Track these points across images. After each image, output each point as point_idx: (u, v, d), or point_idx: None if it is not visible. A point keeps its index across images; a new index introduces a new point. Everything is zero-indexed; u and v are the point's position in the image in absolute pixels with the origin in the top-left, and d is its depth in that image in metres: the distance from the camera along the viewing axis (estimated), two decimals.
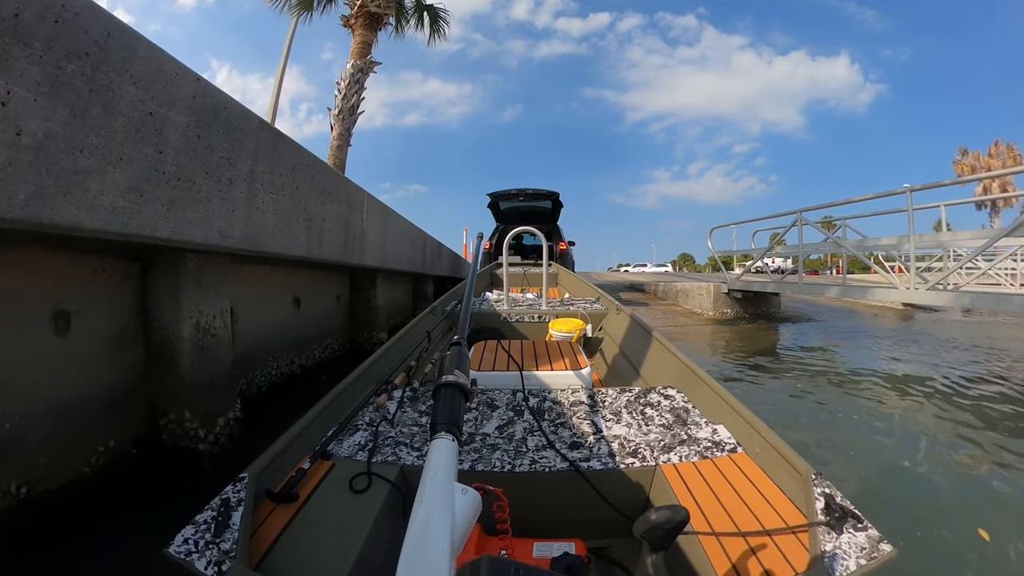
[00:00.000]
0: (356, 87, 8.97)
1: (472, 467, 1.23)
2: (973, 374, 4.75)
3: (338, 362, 4.46)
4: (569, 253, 8.34)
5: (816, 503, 0.94)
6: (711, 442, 1.34)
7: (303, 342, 3.92)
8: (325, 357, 4.34)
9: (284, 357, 3.60)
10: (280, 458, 1.13)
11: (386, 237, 5.06)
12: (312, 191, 3.23)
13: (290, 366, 3.69)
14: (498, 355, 2.04)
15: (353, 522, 1.00)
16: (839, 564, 0.81)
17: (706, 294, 8.20)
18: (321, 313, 4.34)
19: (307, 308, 3.99)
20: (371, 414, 1.49)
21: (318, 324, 4.25)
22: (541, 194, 8.04)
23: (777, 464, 1.15)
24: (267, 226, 2.63)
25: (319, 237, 3.36)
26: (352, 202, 4.07)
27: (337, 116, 8.94)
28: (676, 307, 8.94)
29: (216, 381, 2.35)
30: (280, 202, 2.76)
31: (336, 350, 4.61)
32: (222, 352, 2.41)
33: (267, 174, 2.61)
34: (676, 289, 9.47)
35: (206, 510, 0.91)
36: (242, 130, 2.36)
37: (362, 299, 5.04)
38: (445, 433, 0.64)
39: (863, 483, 2.39)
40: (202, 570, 0.79)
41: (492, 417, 1.50)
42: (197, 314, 2.27)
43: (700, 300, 8.39)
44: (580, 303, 3.59)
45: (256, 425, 2.55)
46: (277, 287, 3.59)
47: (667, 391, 1.68)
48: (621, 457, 1.28)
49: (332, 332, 4.55)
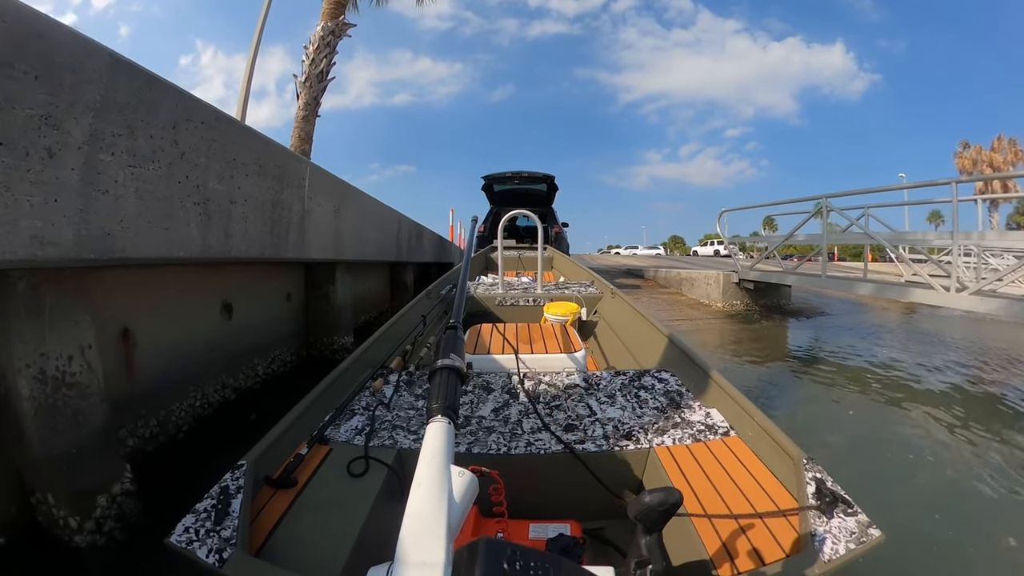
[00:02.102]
0: (326, 51, 8.23)
1: (468, 450, 1.24)
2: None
3: (291, 376, 3.55)
4: (564, 236, 8.31)
5: (807, 487, 0.95)
6: (704, 425, 1.35)
7: (239, 358, 3.03)
8: (273, 373, 3.41)
9: (213, 381, 2.74)
10: (278, 444, 1.13)
11: (342, 221, 4.00)
12: (212, 161, 2.26)
13: (222, 391, 2.81)
14: (493, 338, 2.05)
15: (351, 506, 1.01)
16: (829, 547, 0.82)
17: (714, 283, 7.38)
18: (265, 319, 3.38)
19: (243, 314, 3.04)
20: (368, 398, 1.49)
21: (260, 332, 3.29)
22: (536, 177, 7.97)
23: (769, 448, 1.16)
24: (126, 218, 1.75)
25: (224, 226, 2.38)
26: (285, 176, 2.97)
27: (304, 83, 8.20)
28: (680, 296, 8.04)
29: (84, 448, 1.65)
30: (150, 180, 1.87)
31: (288, 361, 3.66)
32: (89, 405, 1.70)
33: (124, 138, 1.73)
34: (680, 277, 8.59)
35: (205, 498, 0.91)
36: (76, 71, 1.53)
37: (319, 296, 4.07)
38: (441, 416, 0.63)
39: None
40: (203, 558, 0.79)
41: (488, 400, 1.51)
42: (40, 359, 1.56)
43: (707, 290, 7.56)
44: (575, 287, 3.60)
45: (168, 493, 1.81)
46: (197, 292, 2.67)
47: (661, 374, 1.69)
48: (615, 440, 1.29)
49: (281, 340, 3.60)
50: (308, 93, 8.27)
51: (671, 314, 6.56)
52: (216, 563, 0.78)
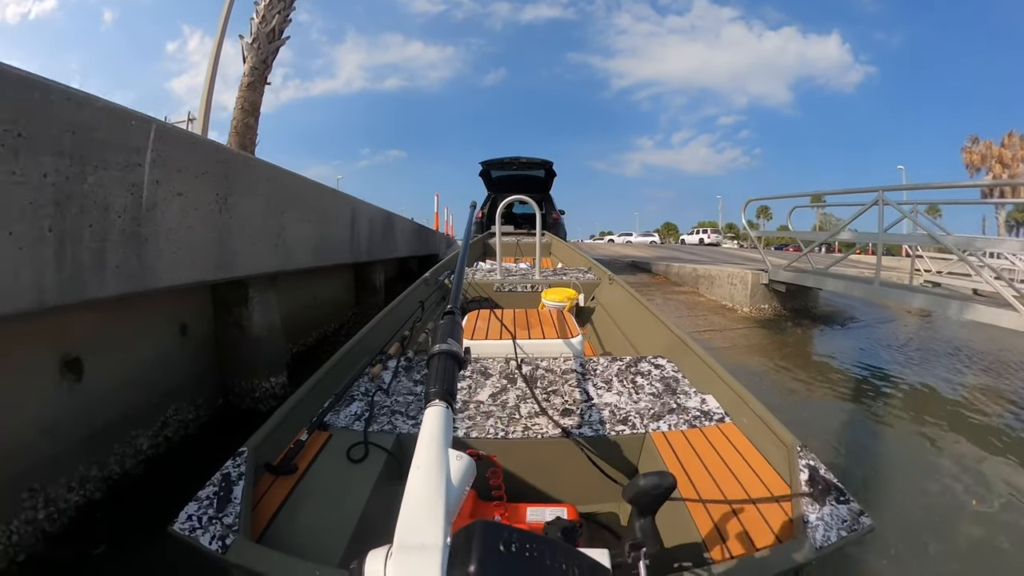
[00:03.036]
0: (279, 6, 6.96)
1: (467, 434, 1.25)
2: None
3: (201, 441, 2.39)
4: (561, 222, 8.29)
5: (800, 474, 0.96)
6: (700, 411, 1.36)
7: (105, 434, 1.97)
8: (169, 442, 2.27)
9: (60, 479, 1.76)
10: (278, 431, 1.14)
11: (238, 217, 2.48)
12: None
13: (81, 489, 1.82)
14: (491, 324, 2.05)
15: (351, 491, 1.02)
16: (820, 534, 0.83)
17: (740, 284, 6.20)
18: (142, 369, 2.22)
19: (103, 369, 1.98)
20: (366, 384, 1.50)
21: (137, 389, 2.16)
22: (534, 163, 7.91)
23: (763, 435, 1.17)
24: None
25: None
26: (88, 149, 1.59)
27: (251, 45, 6.90)
28: (698, 297, 6.80)
29: None
30: None
31: (193, 419, 2.47)
32: None
33: None
34: (696, 274, 7.31)
35: (207, 486, 0.92)
36: None
37: (231, 324, 2.77)
38: (439, 401, 0.64)
39: None
40: (207, 545, 0.80)
41: (486, 385, 1.52)
42: None
43: (732, 291, 6.35)
44: (573, 273, 3.61)
45: None
46: (16, 350, 1.64)
47: (657, 360, 1.70)
48: (612, 424, 1.30)
49: (178, 392, 2.41)
50: (256, 56, 6.92)
51: (695, 322, 5.43)
52: (219, 549, 0.79)
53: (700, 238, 38.65)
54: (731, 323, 5.55)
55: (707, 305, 6.34)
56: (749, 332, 5.24)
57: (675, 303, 6.33)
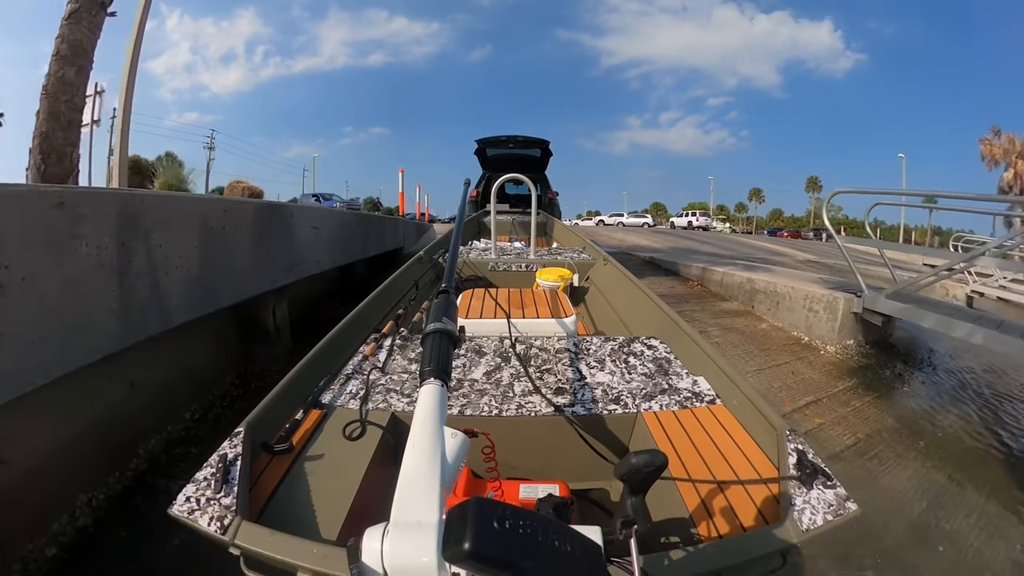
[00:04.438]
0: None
1: (461, 412, 1.26)
2: None
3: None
4: (556, 202, 8.25)
5: (789, 458, 0.98)
6: (691, 392, 1.38)
7: None
8: None
9: None
10: (274, 410, 1.14)
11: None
12: None
13: None
14: (485, 303, 2.05)
15: (348, 468, 1.03)
16: (807, 517, 0.85)
17: (824, 312, 4.30)
18: None
19: None
20: (361, 362, 1.50)
21: None
22: (531, 141, 7.83)
23: (753, 417, 1.19)
24: None
25: None
26: None
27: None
28: (760, 322, 4.77)
29: None
30: None
31: None
32: None
33: None
34: (753, 287, 5.13)
35: (205, 467, 0.92)
36: None
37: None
38: (434, 379, 0.64)
39: None
40: (205, 527, 0.81)
41: (480, 363, 1.52)
42: None
43: (809, 319, 4.42)
44: (567, 253, 3.60)
45: None
46: None
47: (650, 341, 1.71)
48: (604, 403, 1.31)
49: None
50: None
51: (776, 375, 3.60)
52: (218, 530, 0.80)
53: (688, 221, 36.64)
54: (823, 376, 3.71)
55: (778, 340, 4.34)
56: (853, 397, 3.42)
57: (737, 335, 4.35)
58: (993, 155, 29.14)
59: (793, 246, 15.43)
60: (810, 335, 4.43)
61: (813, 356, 4.11)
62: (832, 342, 4.25)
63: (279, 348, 3.49)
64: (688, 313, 4.78)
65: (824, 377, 3.70)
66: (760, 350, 4.07)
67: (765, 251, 11.80)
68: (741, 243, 14.29)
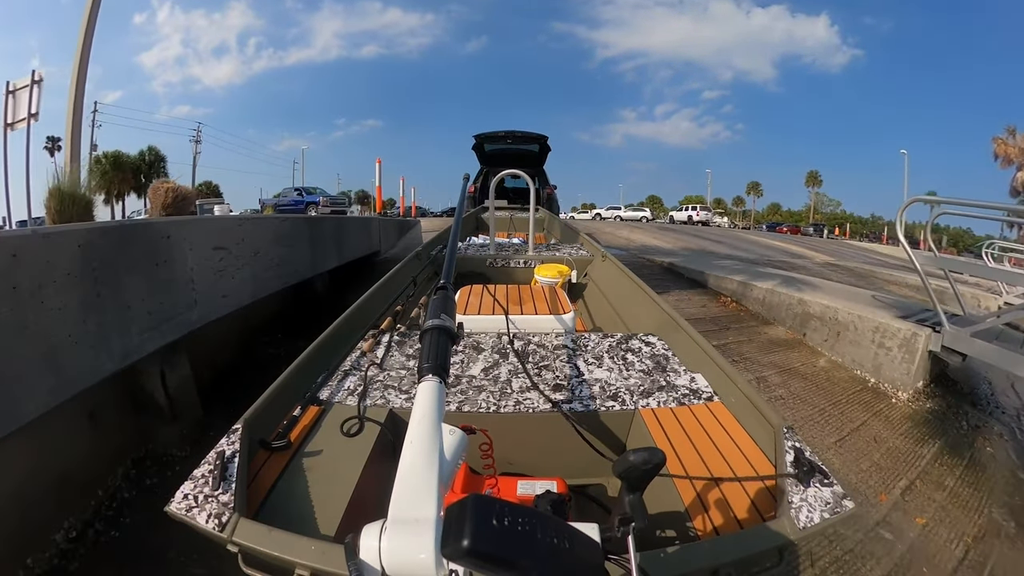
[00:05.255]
0: None
1: (459, 408, 1.26)
2: None
3: None
4: (555, 197, 8.24)
5: (786, 455, 0.98)
6: (688, 390, 1.38)
7: None
8: None
9: None
10: (272, 406, 1.14)
11: None
12: None
13: None
14: (483, 299, 2.05)
15: (346, 465, 1.03)
16: (804, 514, 0.85)
17: (898, 348, 3.49)
18: None
19: None
20: (359, 359, 1.50)
21: None
22: (529, 137, 7.81)
23: (751, 415, 1.19)
24: None
25: None
26: None
27: None
28: (816, 356, 3.92)
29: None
30: None
31: None
32: None
33: None
34: (806, 311, 4.18)
35: (203, 464, 0.92)
36: None
37: None
38: (432, 375, 0.64)
39: None
40: (203, 524, 0.80)
41: (478, 360, 1.52)
42: None
43: (878, 357, 3.60)
44: (566, 249, 3.60)
45: None
46: None
47: (648, 338, 1.71)
48: (602, 400, 1.32)
49: None
50: None
51: (855, 452, 2.78)
52: (216, 527, 0.80)
53: (689, 215, 35.27)
54: (905, 439, 2.94)
55: (842, 384, 3.48)
56: (943, 471, 2.74)
57: (800, 382, 3.40)
58: (1008, 155, 28.40)
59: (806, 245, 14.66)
60: (878, 376, 3.55)
61: (887, 408, 3.28)
62: (905, 387, 3.42)
63: (184, 424, 2.51)
64: (733, 347, 3.78)
65: (907, 442, 2.92)
66: (830, 403, 3.20)
67: (781, 251, 11.09)
68: (753, 241, 13.49)
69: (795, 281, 5.14)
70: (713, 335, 2.67)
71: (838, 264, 9.30)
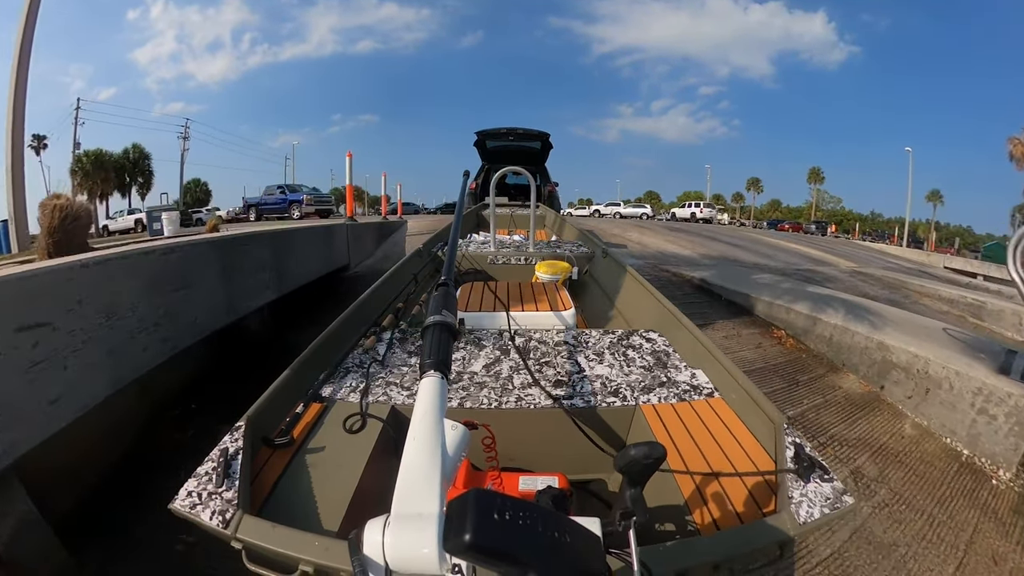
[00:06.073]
0: None
1: (461, 404, 1.27)
2: None
3: None
4: (556, 194, 8.23)
5: (786, 451, 0.99)
6: (689, 385, 1.38)
7: None
8: None
9: None
10: (274, 404, 1.15)
11: None
12: None
13: None
14: (485, 296, 2.05)
15: (348, 461, 1.04)
16: (804, 510, 0.86)
17: (1003, 417, 2.46)
18: None
19: None
20: (361, 356, 1.51)
21: None
22: (531, 134, 7.80)
23: (751, 411, 1.20)
24: None
25: None
26: None
27: None
28: (899, 419, 2.90)
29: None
30: None
31: None
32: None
33: None
34: (887, 358, 3.15)
35: (206, 461, 0.92)
36: None
37: None
38: (434, 372, 0.64)
39: None
40: (207, 521, 0.81)
41: (479, 356, 1.53)
42: None
43: (976, 424, 2.61)
44: (567, 246, 3.60)
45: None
46: None
47: (649, 334, 1.72)
48: (603, 396, 1.32)
49: None
50: None
51: None
52: (220, 524, 0.80)
53: (692, 212, 33.67)
54: (1016, 547, 2.02)
55: (934, 461, 2.57)
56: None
57: (897, 469, 2.45)
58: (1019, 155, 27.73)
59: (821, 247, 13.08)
60: (972, 448, 2.71)
61: (990, 496, 2.37)
62: (1007, 464, 2.57)
63: None
64: (812, 417, 2.76)
65: (1019, 551, 2.01)
66: (934, 501, 2.24)
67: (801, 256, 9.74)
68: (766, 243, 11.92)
69: (861, 311, 4.02)
70: (785, 399, 2.16)
71: (862, 271, 8.14)
